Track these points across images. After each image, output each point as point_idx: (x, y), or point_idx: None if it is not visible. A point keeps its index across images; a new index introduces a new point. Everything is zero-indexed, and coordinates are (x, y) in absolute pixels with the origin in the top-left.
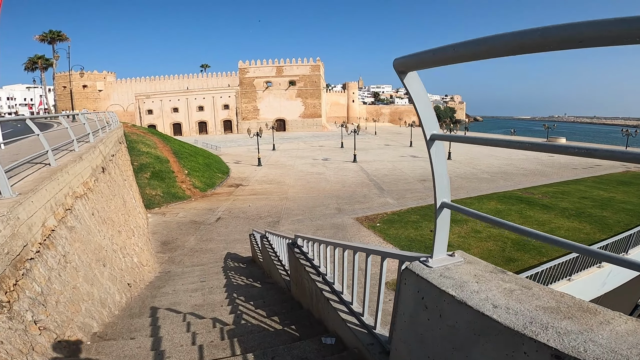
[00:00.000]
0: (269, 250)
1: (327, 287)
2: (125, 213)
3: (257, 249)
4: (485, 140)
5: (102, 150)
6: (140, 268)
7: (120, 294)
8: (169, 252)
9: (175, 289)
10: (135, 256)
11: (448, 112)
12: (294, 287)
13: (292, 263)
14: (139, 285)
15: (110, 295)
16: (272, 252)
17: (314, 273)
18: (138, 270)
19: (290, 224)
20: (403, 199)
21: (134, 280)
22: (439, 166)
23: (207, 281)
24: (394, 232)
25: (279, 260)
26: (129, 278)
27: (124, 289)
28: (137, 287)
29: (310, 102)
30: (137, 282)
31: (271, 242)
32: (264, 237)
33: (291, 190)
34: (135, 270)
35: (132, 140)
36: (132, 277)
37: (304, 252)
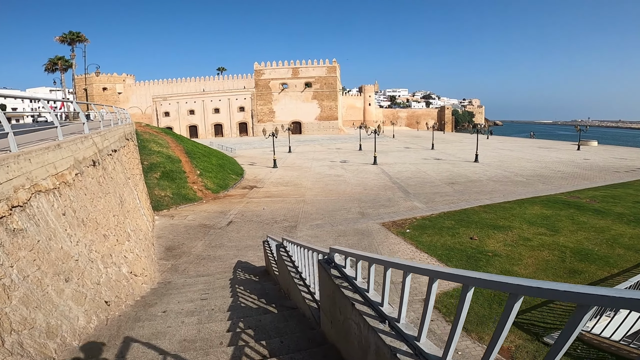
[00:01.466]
0: (287, 264)
1: (405, 347)
2: (120, 214)
3: (271, 259)
4: None
5: (96, 142)
6: (130, 280)
7: (88, 317)
8: (173, 259)
9: (167, 308)
10: (124, 266)
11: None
12: (327, 323)
13: (326, 289)
14: (125, 302)
15: (68, 320)
16: (291, 267)
17: (373, 316)
18: (126, 283)
19: (309, 229)
20: (432, 202)
21: (117, 297)
22: None
23: (209, 299)
24: (427, 239)
25: (300, 279)
26: (110, 294)
27: (97, 310)
28: (121, 304)
29: (327, 105)
30: (121, 299)
31: (290, 254)
32: (281, 247)
33: (309, 193)
34: (121, 284)
35: (143, 139)
36: (115, 293)
37: (347, 276)
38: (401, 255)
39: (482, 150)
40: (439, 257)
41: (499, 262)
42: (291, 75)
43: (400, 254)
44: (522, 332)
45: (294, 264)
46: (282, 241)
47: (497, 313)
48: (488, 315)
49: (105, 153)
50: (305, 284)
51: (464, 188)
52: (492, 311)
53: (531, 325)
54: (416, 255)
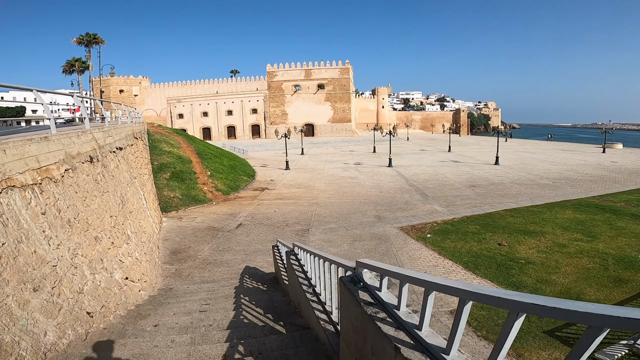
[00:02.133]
0: (298, 275)
1: None
2: (120, 215)
3: (281, 266)
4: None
5: (97, 137)
6: (124, 287)
7: (61, 331)
8: (178, 264)
9: (160, 322)
10: (118, 271)
11: (482, 119)
12: (348, 356)
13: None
14: (114, 313)
15: (30, 337)
16: (303, 278)
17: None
18: (117, 291)
19: (322, 233)
20: (453, 206)
21: (104, 307)
22: None
23: (209, 311)
24: (451, 245)
25: (314, 294)
26: (94, 304)
27: (75, 323)
28: (109, 315)
29: (340, 106)
30: (109, 309)
31: (302, 263)
32: (292, 254)
33: (322, 195)
34: (111, 292)
35: (155, 139)
36: (102, 302)
37: (385, 304)
38: (423, 262)
39: (502, 152)
40: (465, 265)
41: (533, 270)
42: (304, 77)
43: (422, 261)
44: (569, 347)
45: (306, 276)
46: (292, 247)
47: (537, 326)
48: (526, 330)
49: (107, 150)
50: (320, 300)
51: (486, 191)
52: (532, 324)
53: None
54: (439, 262)
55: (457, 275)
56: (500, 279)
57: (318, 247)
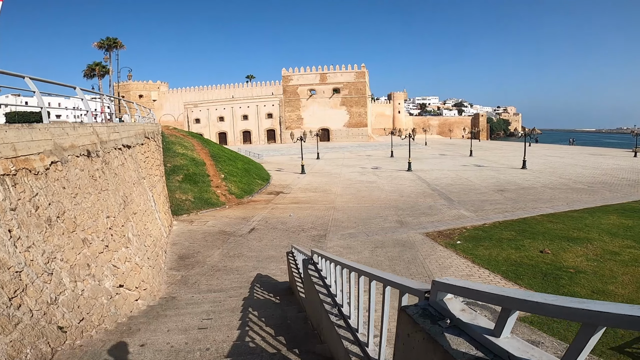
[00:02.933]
0: (318, 290)
1: None
2: (121, 216)
3: (296, 275)
4: None
5: (99, 132)
6: (116, 296)
7: (15, 351)
8: (185, 270)
9: (149, 340)
10: (110, 278)
11: (501, 124)
12: None
13: None
14: (98, 327)
15: None
16: (324, 294)
17: None
18: (106, 301)
19: (341, 239)
20: (482, 211)
21: (84, 320)
22: None
23: (209, 328)
24: (485, 252)
25: (340, 316)
26: (71, 317)
27: (38, 340)
28: (91, 330)
29: (356, 111)
30: (92, 322)
31: (323, 275)
32: (310, 262)
33: (339, 200)
34: (97, 302)
35: (169, 141)
36: (82, 315)
37: None
38: (455, 272)
39: (528, 157)
40: (505, 274)
41: (585, 280)
42: (319, 81)
43: (454, 270)
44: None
45: (328, 291)
46: (311, 255)
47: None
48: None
49: (111, 146)
50: (349, 325)
51: (516, 196)
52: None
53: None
54: (474, 272)
55: (498, 286)
56: (549, 290)
57: (337, 254)
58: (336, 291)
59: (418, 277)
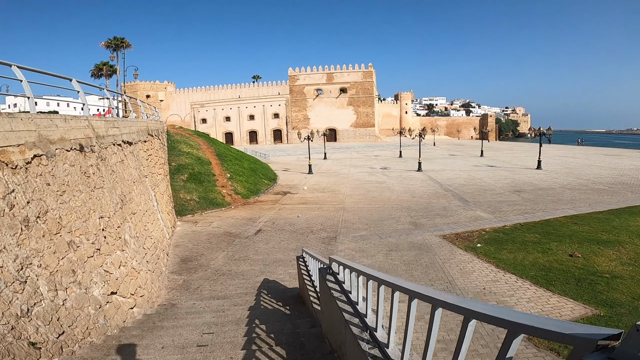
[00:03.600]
0: (341, 307)
1: None
2: (117, 216)
3: (308, 283)
4: None
5: (95, 126)
6: (107, 305)
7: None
8: (187, 274)
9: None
10: (99, 285)
11: (510, 125)
12: None
13: None
14: (80, 342)
15: None
16: (351, 314)
17: None
18: (92, 311)
19: (352, 241)
20: (499, 212)
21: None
22: None
23: (210, 346)
24: (509, 256)
25: (373, 343)
26: (46, 330)
27: None
28: (72, 345)
29: (363, 111)
30: (76, 335)
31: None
32: (329, 273)
33: (348, 200)
34: (81, 313)
35: (174, 140)
36: (63, 327)
37: None
38: (478, 277)
39: (547, 158)
40: (534, 280)
41: (623, 285)
42: (326, 81)
43: (476, 275)
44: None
45: (355, 310)
46: (329, 263)
47: None
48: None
49: (110, 142)
50: (387, 356)
51: (534, 196)
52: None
53: None
54: (499, 277)
55: (527, 293)
56: (585, 296)
57: (348, 257)
58: (365, 310)
59: (438, 283)
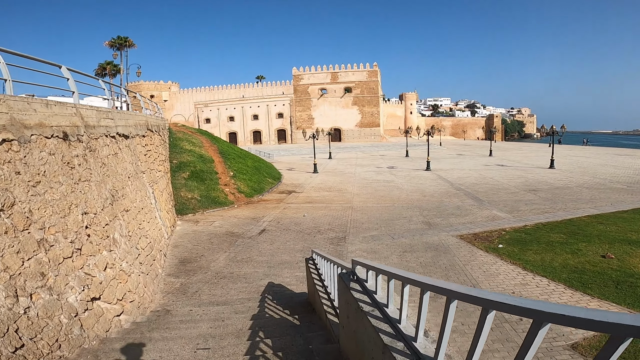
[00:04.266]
0: (378, 328)
1: None
2: (106, 213)
3: (320, 291)
4: None
5: (84, 114)
6: (85, 314)
7: None
8: (185, 276)
9: None
10: (76, 290)
11: (516, 126)
12: None
13: None
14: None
15: None
16: (391, 338)
17: None
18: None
19: (363, 242)
20: (517, 211)
21: (26, 347)
22: None
23: None
24: (536, 257)
25: None
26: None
27: None
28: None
29: (368, 111)
30: (39, 349)
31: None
32: (353, 280)
33: (356, 199)
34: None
35: (176, 137)
36: (23, 340)
37: None
38: (504, 280)
39: (560, 158)
40: (567, 282)
41: None
42: (330, 80)
43: (503, 278)
44: None
45: (399, 333)
46: (352, 268)
47: None
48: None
49: (101, 132)
50: None
51: (551, 195)
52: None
53: None
54: (528, 280)
55: (563, 297)
56: (628, 300)
57: None
58: (415, 333)
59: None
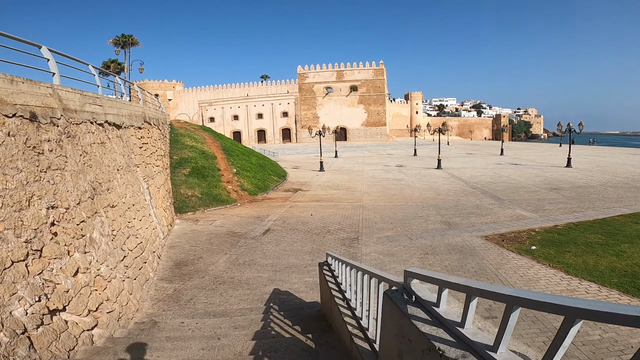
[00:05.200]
0: None
1: None
2: (84, 208)
3: (341, 304)
4: None
5: (63, 96)
6: (41, 329)
7: None
8: (180, 281)
9: None
10: (25, 301)
11: (522, 126)
12: None
13: None
14: None
15: None
16: None
17: None
18: (7, 339)
19: (378, 243)
20: (543, 211)
21: None
22: None
23: None
24: (577, 260)
25: None
26: None
27: None
28: None
29: (374, 109)
30: None
31: (487, 346)
32: (412, 302)
33: (366, 198)
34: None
35: (178, 133)
36: None
37: None
38: (546, 286)
39: (576, 157)
40: (621, 288)
41: None
42: (335, 79)
43: (544, 284)
44: None
45: None
46: (405, 282)
47: None
48: None
49: (84, 118)
50: None
51: (576, 194)
52: None
53: None
54: (575, 285)
55: None
56: None
57: (376, 261)
58: None
59: None
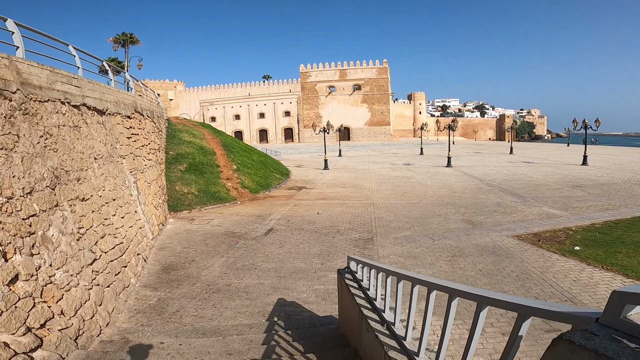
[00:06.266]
0: None
1: None
2: (39, 198)
3: (376, 327)
4: None
5: (21, 68)
6: None
7: None
8: (166, 288)
9: None
10: None
11: (526, 127)
12: None
13: None
14: None
15: None
16: None
17: None
18: None
19: (396, 244)
20: (572, 208)
21: None
22: None
23: None
24: (632, 262)
25: None
26: None
27: None
28: None
29: (377, 109)
30: None
31: None
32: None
33: (376, 195)
34: None
35: (175, 128)
36: None
37: None
38: (607, 290)
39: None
40: None
41: None
42: (339, 78)
43: (605, 290)
44: None
45: None
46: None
47: None
48: None
49: (53, 96)
50: None
51: (601, 192)
52: None
53: None
54: None
55: None
56: None
57: (398, 265)
58: None
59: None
